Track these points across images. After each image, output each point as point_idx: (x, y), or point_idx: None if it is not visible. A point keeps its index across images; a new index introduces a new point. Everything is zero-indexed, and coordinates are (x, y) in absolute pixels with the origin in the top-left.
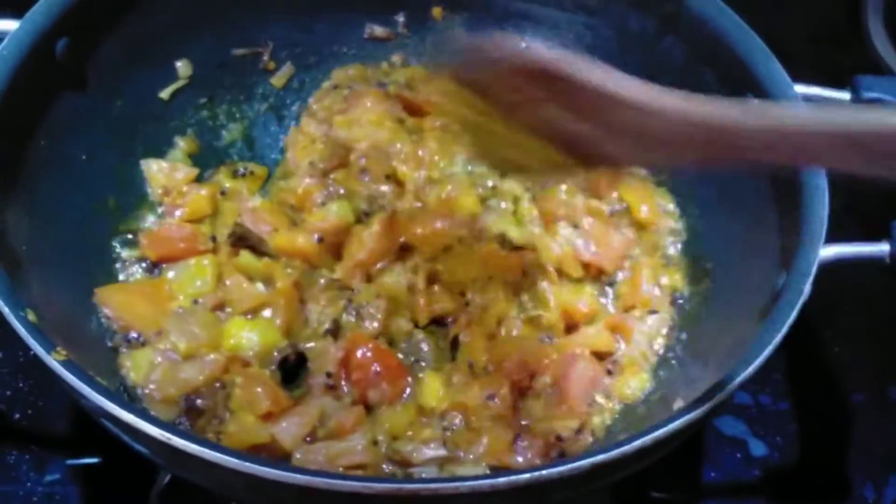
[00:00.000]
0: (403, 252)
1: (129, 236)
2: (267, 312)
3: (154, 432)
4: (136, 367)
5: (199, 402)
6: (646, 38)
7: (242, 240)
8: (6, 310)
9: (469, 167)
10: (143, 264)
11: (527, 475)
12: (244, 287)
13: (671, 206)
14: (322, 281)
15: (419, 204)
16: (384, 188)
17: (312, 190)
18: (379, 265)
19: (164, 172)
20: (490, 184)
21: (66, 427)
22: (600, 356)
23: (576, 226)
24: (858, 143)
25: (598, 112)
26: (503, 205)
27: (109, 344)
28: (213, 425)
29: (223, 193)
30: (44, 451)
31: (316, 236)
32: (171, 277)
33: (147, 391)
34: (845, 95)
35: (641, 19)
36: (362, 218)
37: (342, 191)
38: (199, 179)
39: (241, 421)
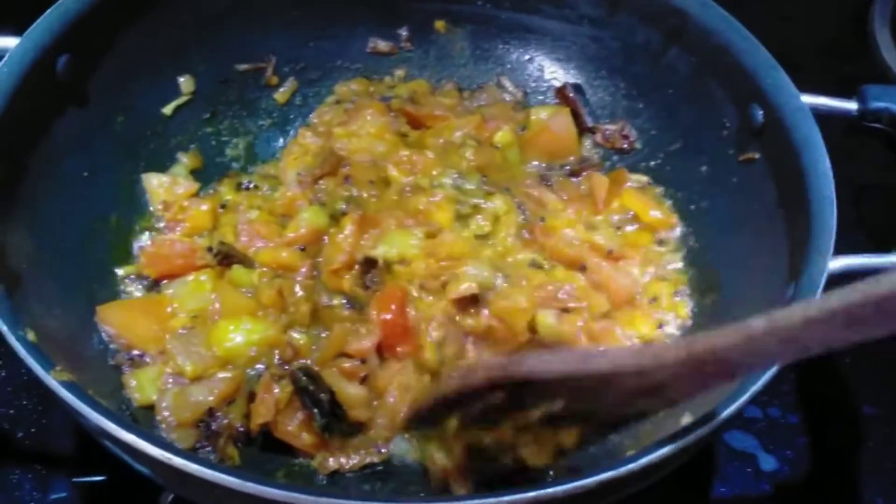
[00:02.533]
0: None
1: (131, 253)
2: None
3: (154, 452)
4: (140, 386)
5: (213, 425)
6: (651, 51)
7: (228, 258)
8: (5, 329)
9: (460, 182)
10: (144, 282)
11: (533, 493)
12: (235, 297)
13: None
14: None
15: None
16: (365, 194)
17: (297, 198)
18: None
19: (164, 187)
20: (474, 201)
21: (70, 445)
22: None
23: (583, 268)
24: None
25: (595, 390)
26: (480, 222)
27: (111, 362)
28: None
29: (223, 207)
30: (47, 469)
31: (298, 247)
32: (170, 294)
33: (161, 418)
34: (852, 105)
35: (647, 32)
36: (339, 218)
37: (322, 197)
38: (200, 194)
39: None
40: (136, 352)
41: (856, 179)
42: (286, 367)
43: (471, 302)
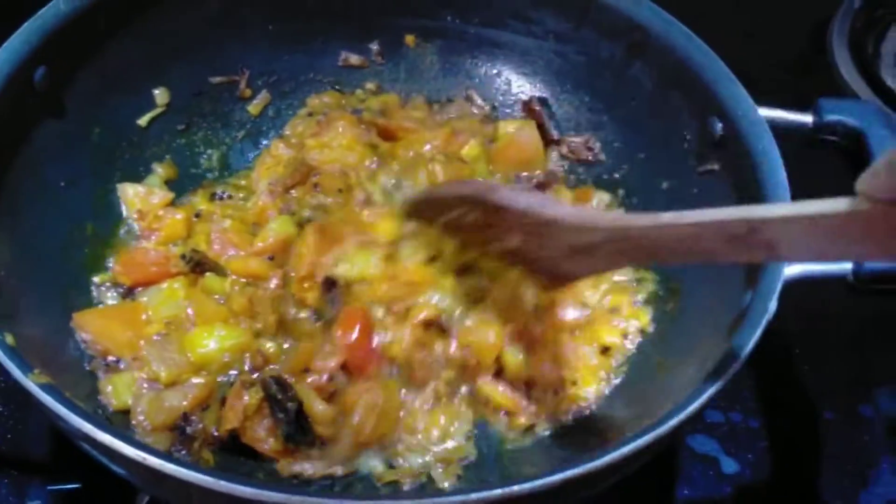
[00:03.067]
0: None
1: (106, 261)
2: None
3: (130, 453)
4: (116, 392)
5: (188, 429)
6: (615, 65)
7: (200, 265)
8: None
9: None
10: (120, 289)
11: (499, 490)
12: (207, 305)
13: None
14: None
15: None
16: (331, 200)
17: (268, 207)
18: None
19: (139, 197)
20: None
21: (46, 452)
22: None
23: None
24: (730, 235)
25: (542, 235)
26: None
27: (87, 367)
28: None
29: (197, 216)
30: (24, 475)
31: (267, 256)
32: (144, 301)
33: (136, 422)
34: (808, 118)
35: (610, 47)
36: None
37: (292, 206)
38: (175, 203)
39: None
40: (111, 357)
41: (812, 191)
42: (257, 375)
43: (438, 329)
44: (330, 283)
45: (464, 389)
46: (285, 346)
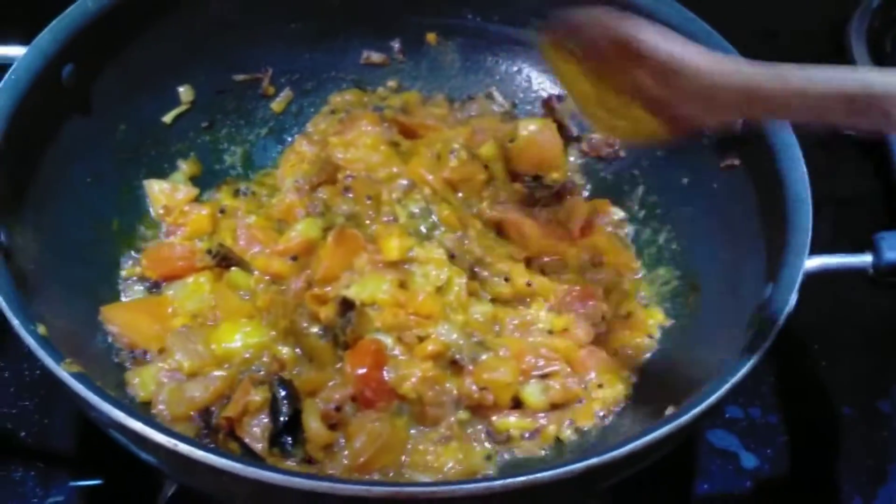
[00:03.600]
0: None
1: (133, 255)
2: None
3: (161, 440)
4: (143, 384)
5: (212, 421)
6: None
7: (226, 260)
8: (16, 322)
9: (420, 212)
10: (146, 283)
11: (522, 479)
12: (232, 300)
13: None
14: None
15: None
16: (359, 208)
17: (296, 205)
18: None
19: (165, 193)
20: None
21: (70, 447)
22: None
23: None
24: (853, 101)
25: (666, 76)
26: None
27: (115, 360)
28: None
29: (222, 212)
30: (49, 468)
31: (290, 257)
32: (170, 295)
33: (157, 411)
34: None
35: None
36: None
37: (319, 207)
38: (199, 199)
39: None
40: (138, 350)
41: (832, 184)
42: (273, 375)
43: (452, 365)
44: (347, 305)
45: (479, 426)
46: (298, 352)
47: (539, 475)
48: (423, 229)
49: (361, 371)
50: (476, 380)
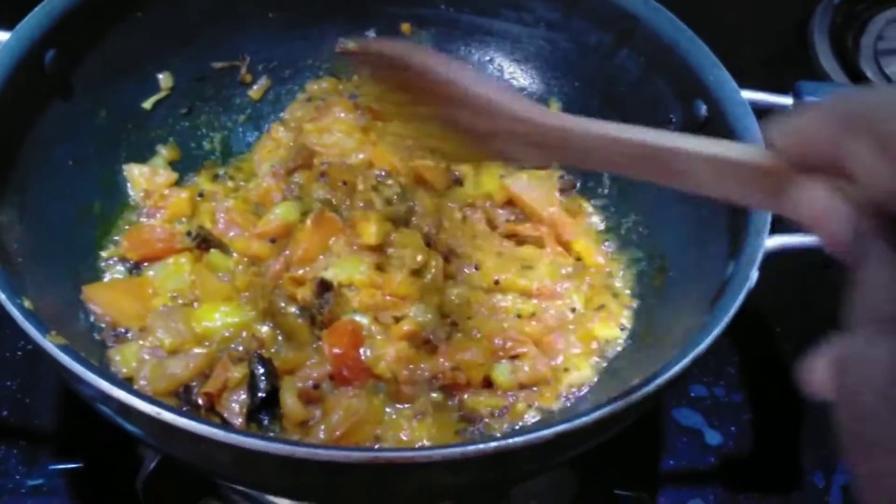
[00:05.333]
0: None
1: (114, 238)
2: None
3: (145, 408)
4: (124, 360)
5: (193, 397)
6: (603, 51)
7: (205, 242)
8: (3, 297)
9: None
10: (127, 264)
11: (494, 444)
12: (212, 281)
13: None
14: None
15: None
16: (335, 193)
17: (272, 189)
18: None
19: (145, 177)
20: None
21: (51, 429)
22: None
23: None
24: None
25: (480, 116)
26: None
27: (97, 338)
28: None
29: (201, 195)
30: (31, 447)
31: (269, 239)
32: (151, 276)
33: (138, 387)
34: (788, 100)
35: (600, 34)
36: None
37: (296, 191)
38: (178, 183)
39: None
40: (120, 328)
41: None
42: (252, 353)
43: (425, 345)
44: (324, 287)
45: (450, 404)
46: (279, 337)
47: (511, 440)
48: (400, 212)
49: (338, 351)
50: (449, 359)
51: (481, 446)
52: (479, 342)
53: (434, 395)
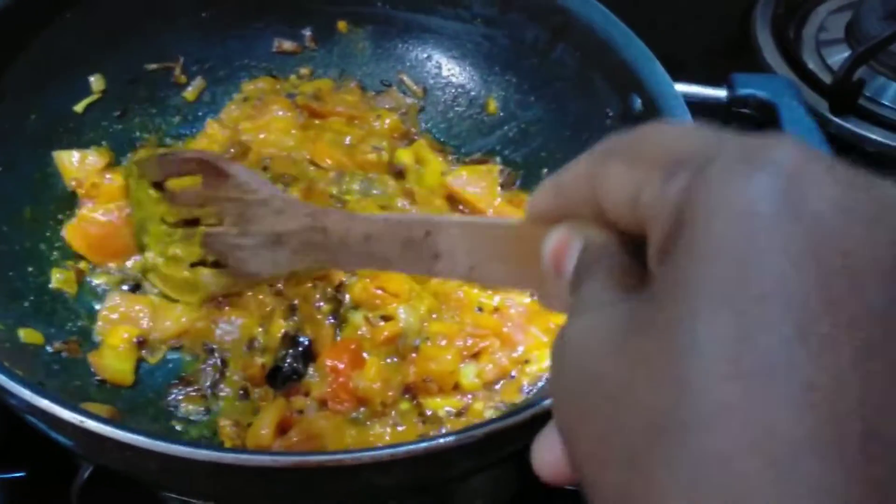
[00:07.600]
0: None
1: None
2: None
3: (67, 416)
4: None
5: None
6: (540, 47)
7: None
8: None
9: (368, 188)
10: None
11: (424, 444)
12: None
13: None
14: None
15: None
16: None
17: None
18: None
19: (74, 164)
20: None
21: None
22: None
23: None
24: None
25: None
26: None
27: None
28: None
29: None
30: None
31: None
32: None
33: None
34: (722, 93)
35: (536, 29)
36: None
37: None
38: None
39: None
40: None
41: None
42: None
43: (397, 352)
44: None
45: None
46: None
47: (441, 440)
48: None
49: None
50: (419, 370)
51: (411, 447)
52: (447, 349)
53: (403, 404)
